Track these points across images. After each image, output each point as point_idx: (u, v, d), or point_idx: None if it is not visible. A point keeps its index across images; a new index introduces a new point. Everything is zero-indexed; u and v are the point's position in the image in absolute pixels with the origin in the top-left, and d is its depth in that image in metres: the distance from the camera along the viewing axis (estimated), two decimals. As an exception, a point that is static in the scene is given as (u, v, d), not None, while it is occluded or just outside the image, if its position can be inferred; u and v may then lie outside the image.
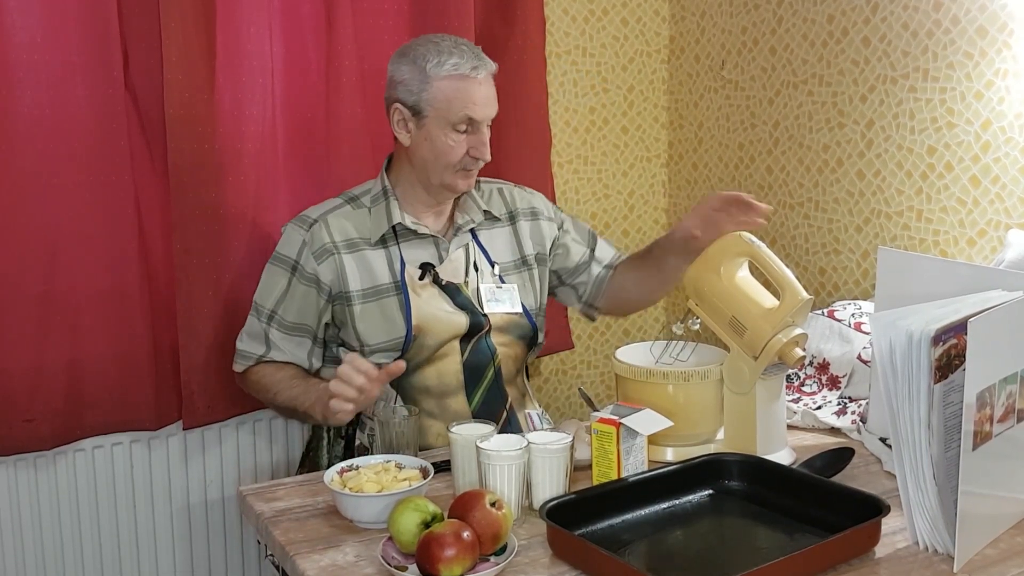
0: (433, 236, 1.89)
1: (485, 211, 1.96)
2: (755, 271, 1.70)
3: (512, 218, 2.00)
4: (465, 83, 1.78)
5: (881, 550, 1.33)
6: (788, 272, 1.62)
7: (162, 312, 2.12)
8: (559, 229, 2.04)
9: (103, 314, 2.06)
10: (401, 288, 1.84)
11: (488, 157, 1.84)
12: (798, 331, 1.60)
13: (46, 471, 2.08)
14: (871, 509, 1.32)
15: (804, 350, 1.60)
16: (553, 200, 2.57)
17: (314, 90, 2.22)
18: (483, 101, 1.80)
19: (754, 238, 1.67)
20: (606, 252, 2.05)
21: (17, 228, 1.96)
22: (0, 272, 1.96)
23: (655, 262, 1.92)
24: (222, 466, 2.28)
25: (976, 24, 1.92)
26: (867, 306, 1.99)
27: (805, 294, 1.59)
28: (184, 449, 2.23)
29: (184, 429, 2.17)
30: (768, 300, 1.64)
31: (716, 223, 1.71)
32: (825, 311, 2.01)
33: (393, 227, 1.86)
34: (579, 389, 1.95)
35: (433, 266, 1.88)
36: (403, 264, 1.86)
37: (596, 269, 2.03)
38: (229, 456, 2.28)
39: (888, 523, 1.33)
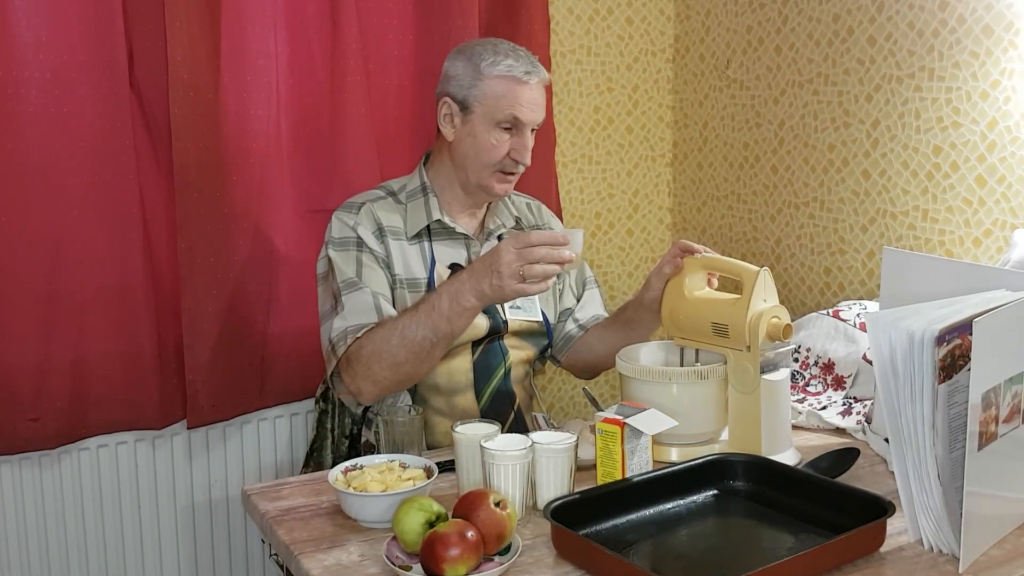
0: (466, 236, 1.91)
1: (516, 218, 1.98)
2: (722, 283, 1.80)
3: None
4: (516, 84, 1.80)
5: (886, 550, 1.32)
6: (735, 260, 1.71)
7: (167, 311, 2.13)
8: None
9: (108, 313, 2.07)
10: (430, 286, 1.85)
11: (527, 161, 1.85)
12: (772, 305, 1.63)
13: (51, 470, 2.09)
14: (876, 509, 1.32)
15: (781, 319, 1.62)
16: (558, 199, 2.58)
17: (319, 89, 2.22)
18: (531, 105, 1.82)
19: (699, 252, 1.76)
20: (587, 311, 2.04)
21: (22, 227, 1.97)
22: (5, 271, 1.96)
23: (626, 321, 1.93)
24: (226, 465, 2.28)
25: (982, 23, 1.92)
26: (872, 306, 1.99)
27: (755, 267, 1.64)
28: (188, 448, 2.24)
29: (189, 428, 2.18)
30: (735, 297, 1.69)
31: (675, 265, 1.77)
32: (830, 311, 2.01)
33: (428, 224, 1.87)
34: (583, 389, 1.95)
35: (462, 267, 1.89)
36: (433, 262, 1.87)
37: (570, 326, 2.03)
38: (233, 455, 2.28)
39: (893, 523, 1.33)
